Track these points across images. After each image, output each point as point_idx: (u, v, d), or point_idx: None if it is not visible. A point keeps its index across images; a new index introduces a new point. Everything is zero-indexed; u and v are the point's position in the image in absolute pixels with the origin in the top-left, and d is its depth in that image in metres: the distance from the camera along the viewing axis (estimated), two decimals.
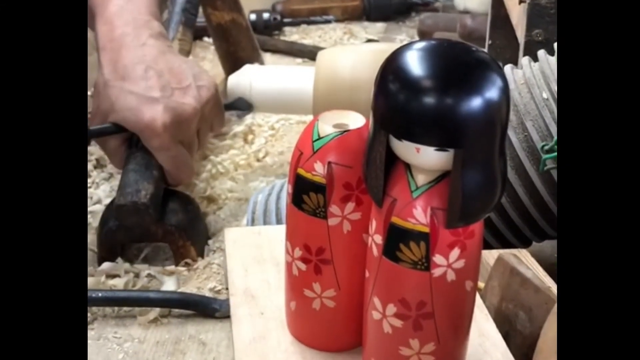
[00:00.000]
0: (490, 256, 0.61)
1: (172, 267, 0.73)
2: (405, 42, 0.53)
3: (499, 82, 0.38)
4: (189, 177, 0.79)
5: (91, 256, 0.74)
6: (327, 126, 0.46)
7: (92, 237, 0.75)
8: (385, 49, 0.87)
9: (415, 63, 0.39)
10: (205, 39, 1.33)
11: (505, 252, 0.58)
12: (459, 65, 0.39)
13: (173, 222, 0.73)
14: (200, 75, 0.79)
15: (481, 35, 1.05)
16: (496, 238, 0.68)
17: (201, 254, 0.75)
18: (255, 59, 1.11)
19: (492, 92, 0.38)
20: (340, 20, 1.45)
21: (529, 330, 0.53)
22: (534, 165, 0.63)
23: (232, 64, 1.11)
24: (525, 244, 0.69)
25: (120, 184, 0.73)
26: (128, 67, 0.75)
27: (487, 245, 0.67)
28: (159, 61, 0.76)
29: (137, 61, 0.75)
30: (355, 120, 0.47)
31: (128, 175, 0.74)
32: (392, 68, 0.40)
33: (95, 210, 0.81)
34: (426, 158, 0.39)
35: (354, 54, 0.85)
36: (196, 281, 0.72)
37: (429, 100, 0.38)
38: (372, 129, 0.41)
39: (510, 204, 0.65)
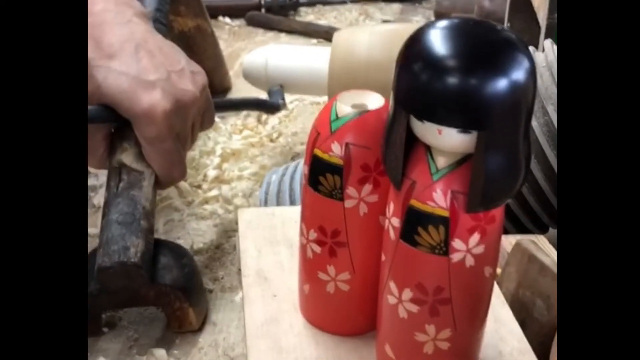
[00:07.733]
0: (507, 242, 0.60)
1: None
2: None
3: (525, 63, 0.37)
4: (182, 176, 0.69)
5: None
6: (345, 106, 0.45)
7: None
8: (401, 30, 0.86)
9: (439, 42, 0.38)
10: (220, 18, 1.32)
11: (524, 238, 0.57)
12: (485, 44, 0.37)
13: (167, 281, 0.60)
14: (190, 60, 0.70)
15: (499, 18, 1.03)
16: (512, 223, 0.67)
17: (202, 318, 0.64)
18: (218, 70, 1.03)
19: (519, 73, 0.37)
20: (356, 1, 1.44)
21: (547, 319, 0.52)
22: (554, 151, 0.62)
23: None
24: (542, 229, 0.68)
25: (102, 238, 0.59)
26: (115, 45, 0.65)
27: (503, 230, 0.66)
28: (149, 40, 0.67)
29: (125, 39, 0.66)
30: (374, 101, 0.45)
31: (111, 228, 0.60)
32: (415, 47, 0.38)
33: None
34: (448, 140, 0.38)
35: (371, 34, 0.84)
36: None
37: (453, 80, 0.36)
38: (393, 110, 0.40)
39: (529, 188, 0.64)
